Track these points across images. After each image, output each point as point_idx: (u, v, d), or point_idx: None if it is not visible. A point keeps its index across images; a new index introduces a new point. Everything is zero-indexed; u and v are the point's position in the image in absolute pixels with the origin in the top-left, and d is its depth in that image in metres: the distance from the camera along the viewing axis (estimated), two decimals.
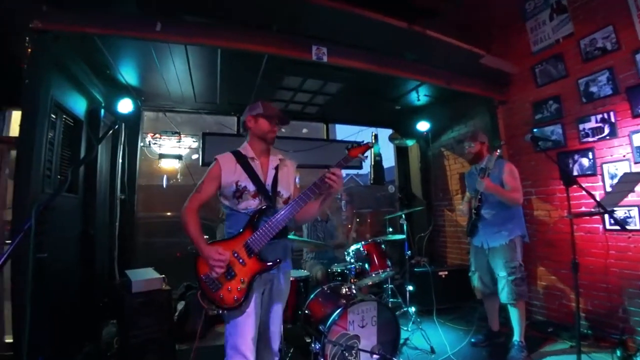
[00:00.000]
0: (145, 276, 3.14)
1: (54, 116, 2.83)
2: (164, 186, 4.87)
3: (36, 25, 2.45)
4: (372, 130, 5.25)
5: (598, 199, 2.57)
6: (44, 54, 2.52)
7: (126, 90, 3.64)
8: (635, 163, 2.98)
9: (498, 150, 2.93)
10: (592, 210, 3.02)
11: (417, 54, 3.37)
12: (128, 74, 3.51)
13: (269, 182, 1.98)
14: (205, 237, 1.86)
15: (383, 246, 3.50)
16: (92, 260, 3.26)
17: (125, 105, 3.57)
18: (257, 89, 4.00)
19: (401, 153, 5.81)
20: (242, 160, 1.95)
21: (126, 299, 2.93)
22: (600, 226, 3.22)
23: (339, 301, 2.91)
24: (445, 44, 3.17)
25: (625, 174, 2.84)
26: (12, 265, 2.23)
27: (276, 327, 2.04)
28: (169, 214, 5.96)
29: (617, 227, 3.06)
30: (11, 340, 2.33)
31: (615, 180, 3.07)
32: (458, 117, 4.87)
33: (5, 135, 3.21)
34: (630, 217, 3.01)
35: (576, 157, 3.40)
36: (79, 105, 3.24)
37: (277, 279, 2.01)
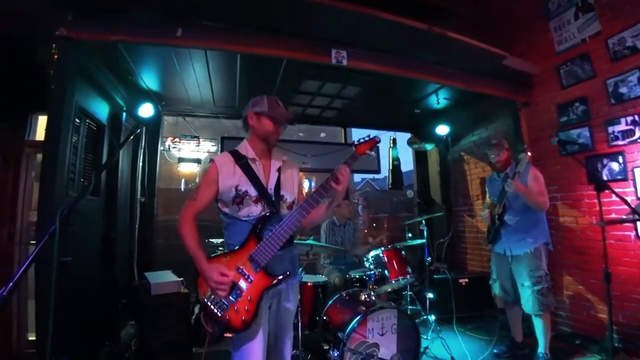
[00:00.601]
0: (163, 279, 3.17)
1: (77, 121, 2.90)
2: (182, 189, 4.93)
3: (62, 32, 2.51)
4: (390, 134, 5.20)
5: (633, 205, 2.46)
6: (69, 60, 2.57)
7: (147, 95, 3.71)
8: None
9: (529, 153, 2.84)
10: (625, 217, 2.89)
11: (437, 56, 3.31)
12: (149, 80, 3.58)
13: (271, 185, 1.79)
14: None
15: (403, 252, 3.44)
16: (113, 261, 3.31)
17: (146, 110, 3.62)
18: (275, 93, 4.01)
19: (420, 157, 5.72)
20: (241, 161, 1.76)
21: (145, 301, 2.96)
22: (632, 234, 3.07)
23: (358, 308, 2.86)
24: (467, 45, 3.10)
25: None
26: (35, 267, 2.27)
27: (288, 338, 1.89)
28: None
29: None
30: (34, 338, 2.37)
31: None
32: (479, 121, 4.76)
33: (32, 139, 3.30)
34: None
35: (605, 161, 3.26)
36: (101, 110, 3.31)
37: (285, 292, 1.83)
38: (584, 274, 3.44)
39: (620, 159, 3.15)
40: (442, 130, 4.79)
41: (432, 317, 3.69)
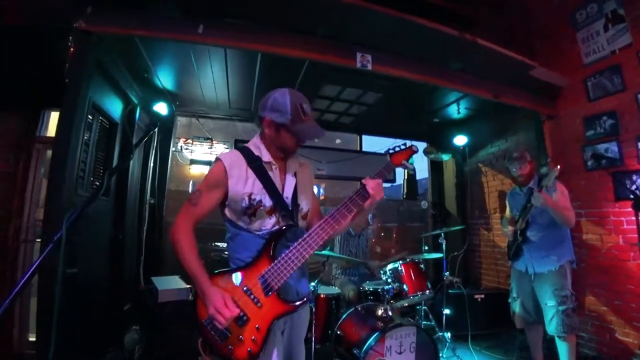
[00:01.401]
0: (172, 285, 3.05)
1: (90, 117, 2.81)
2: (190, 192, 4.82)
3: (80, 25, 2.42)
4: (407, 142, 5.08)
5: None
6: (86, 54, 2.49)
7: (162, 94, 3.63)
8: None
9: (558, 166, 2.72)
10: None
11: (465, 64, 3.22)
12: (165, 78, 3.49)
13: (288, 193, 1.52)
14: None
15: (422, 266, 3.31)
16: (121, 264, 3.19)
17: (160, 109, 3.54)
18: None
19: (435, 167, 5.61)
20: (255, 163, 1.47)
21: (152, 308, 2.83)
22: None
23: (376, 324, 2.75)
24: (496, 53, 3.02)
25: None
26: (39, 276, 2.13)
27: (301, 357, 1.64)
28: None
29: None
30: (34, 339, 2.25)
31: None
32: (499, 132, 4.66)
33: (44, 135, 3.20)
34: None
35: (634, 177, 3.14)
36: (115, 107, 3.22)
37: (299, 319, 1.58)
38: (608, 295, 3.31)
39: None
40: (460, 140, 4.70)
41: (448, 334, 3.55)
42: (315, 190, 1.86)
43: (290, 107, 1.44)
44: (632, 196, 3.02)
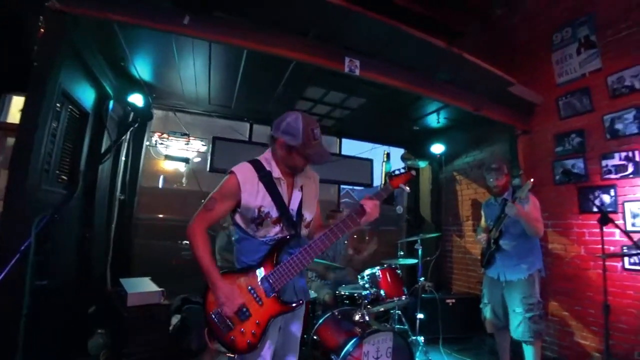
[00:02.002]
0: (142, 288, 2.89)
1: (59, 105, 2.59)
2: (160, 187, 4.61)
3: (53, 5, 2.23)
4: (385, 148, 5.15)
5: (623, 239, 2.53)
6: (58, 37, 2.30)
7: (138, 85, 3.42)
8: None
9: (532, 179, 2.85)
10: (626, 250, 2.99)
11: (449, 75, 3.30)
12: (142, 68, 3.29)
13: (293, 206, 1.68)
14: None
15: (399, 272, 3.36)
16: (87, 264, 2.97)
17: (135, 101, 3.33)
18: (276, 97, 3.84)
19: None
20: (265, 178, 1.61)
21: (121, 312, 2.67)
22: (619, 265, 3.17)
23: (353, 330, 2.74)
24: (480, 68, 3.12)
25: None
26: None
27: (294, 346, 1.80)
28: (167, 217, 5.65)
29: (636, 267, 3.04)
30: None
31: (638, 219, 3.06)
32: (475, 143, 4.83)
33: (3, 121, 2.92)
34: None
35: (597, 192, 3.36)
36: (87, 96, 3.00)
37: (294, 318, 1.76)
38: (570, 301, 3.52)
39: (612, 192, 3.26)
40: (437, 149, 4.83)
41: (421, 339, 3.62)
42: None
43: (303, 131, 1.56)
44: (595, 210, 3.23)
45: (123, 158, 3.54)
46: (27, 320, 1.05)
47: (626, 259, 3.10)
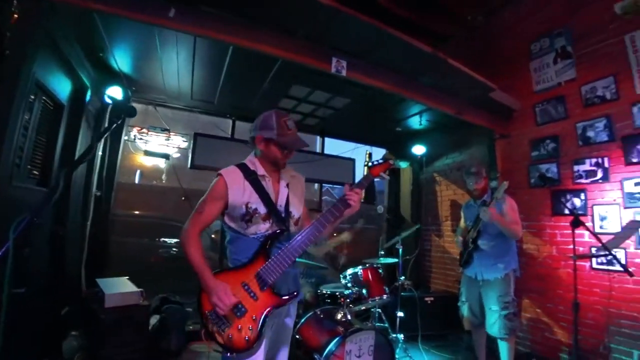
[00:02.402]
0: (120, 289, 2.80)
1: (32, 97, 2.46)
2: (136, 182, 4.47)
3: None
4: (367, 148, 5.20)
5: (593, 240, 2.67)
6: (32, 23, 2.18)
7: (117, 77, 3.29)
8: (625, 208, 3.13)
9: (506, 181, 2.98)
10: (596, 251, 3.16)
11: (433, 79, 3.36)
12: (123, 60, 3.16)
13: (281, 202, 1.76)
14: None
15: (381, 271, 3.41)
16: (61, 263, 2.84)
17: (114, 94, 3.21)
18: (261, 95, 3.79)
19: (393, 174, 5.78)
20: (251, 177, 1.71)
21: (97, 313, 2.57)
22: (587, 264, 3.34)
23: (336, 329, 2.78)
24: (463, 73, 3.19)
25: (630, 221, 2.99)
26: None
27: (284, 353, 1.84)
28: (145, 213, 5.46)
29: (603, 267, 3.22)
30: None
31: (606, 222, 3.24)
32: (455, 145, 4.95)
33: None
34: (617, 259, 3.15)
35: (569, 196, 3.53)
36: (62, 87, 2.86)
37: (287, 311, 1.80)
38: (542, 299, 3.69)
39: (583, 196, 3.43)
40: (419, 150, 4.92)
41: (401, 336, 3.70)
42: None
43: (276, 123, 1.70)
44: (567, 212, 3.40)
45: (100, 153, 3.40)
46: (4, 328, 0.98)
47: (593, 259, 3.28)
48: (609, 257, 2.98)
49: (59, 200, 2.85)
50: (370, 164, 1.85)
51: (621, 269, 3.01)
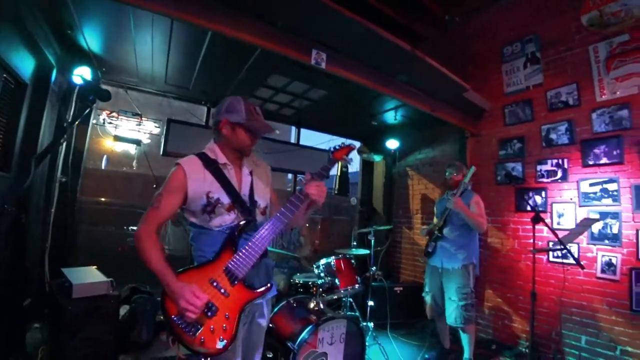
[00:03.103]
0: (88, 279, 2.69)
1: None
2: (103, 167, 4.28)
3: None
4: (342, 140, 5.24)
5: (549, 235, 2.88)
6: None
7: (86, 56, 3.11)
8: (580, 206, 3.39)
9: (474, 167, 3.25)
10: (552, 245, 3.39)
11: (411, 77, 3.43)
12: (92, 39, 2.98)
13: (245, 192, 1.65)
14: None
15: (353, 262, 3.49)
16: (22, 252, 2.69)
17: (82, 74, 3.03)
18: (237, 82, 3.71)
19: (367, 167, 5.91)
20: (212, 166, 1.59)
21: (63, 305, 2.46)
22: (545, 257, 3.59)
23: (309, 317, 2.83)
24: (439, 72, 3.28)
25: (584, 218, 3.23)
26: None
27: (260, 342, 1.75)
28: (113, 200, 5.19)
29: (558, 260, 3.47)
30: None
31: (563, 219, 3.48)
32: (428, 141, 5.10)
33: None
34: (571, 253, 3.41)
35: (531, 194, 3.76)
36: (25, 64, 2.67)
37: (261, 310, 1.70)
38: (503, 289, 3.94)
39: (543, 194, 3.67)
40: (392, 144, 5.02)
41: (371, 324, 3.83)
42: None
43: (244, 106, 1.62)
44: (529, 209, 3.63)
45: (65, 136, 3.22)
46: None
47: (550, 252, 3.53)
48: (564, 251, 3.23)
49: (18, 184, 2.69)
50: (332, 148, 1.81)
51: (574, 262, 3.30)
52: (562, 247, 2.79)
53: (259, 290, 1.55)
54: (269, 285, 1.59)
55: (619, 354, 2.99)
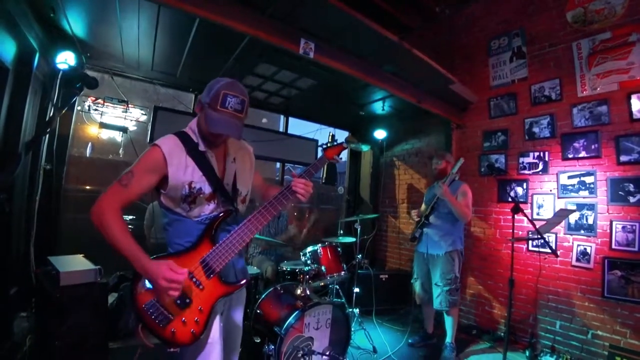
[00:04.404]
0: (76, 266, 2.68)
1: None
2: (88, 155, 4.21)
3: None
4: (330, 129, 5.28)
5: (529, 225, 3.00)
6: None
7: (69, 41, 3.02)
8: (559, 198, 3.52)
9: (462, 158, 3.32)
10: (530, 235, 3.52)
11: (397, 68, 3.47)
12: (76, 23, 2.90)
13: (228, 180, 1.56)
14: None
15: (339, 249, 3.57)
16: (6, 240, 2.66)
17: (66, 59, 2.95)
18: (225, 70, 3.68)
19: (354, 157, 5.96)
20: (193, 151, 1.45)
21: (51, 293, 2.46)
22: (524, 247, 3.74)
23: (296, 303, 2.90)
24: (426, 64, 3.32)
25: (561, 209, 3.36)
26: None
27: (235, 354, 1.75)
28: (99, 188, 5.08)
29: (536, 249, 3.62)
30: None
31: (542, 210, 3.62)
32: (414, 132, 5.17)
33: None
34: (548, 242, 3.54)
35: (513, 185, 3.88)
36: (6, 49, 2.58)
37: (235, 300, 1.68)
38: (484, 277, 4.09)
39: (525, 185, 3.79)
40: (380, 134, 5.07)
41: (357, 311, 3.94)
42: None
43: (215, 91, 1.40)
44: (510, 200, 3.74)
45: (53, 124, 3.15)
46: None
47: (529, 241, 3.67)
48: (542, 241, 3.37)
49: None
50: (324, 146, 1.77)
51: (550, 251, 3.46)
52: (539, 236, 2.91)
53: (233, 286, 1.51)
54: (244, 280, 1.56)
55: (590, 338, 3.17)
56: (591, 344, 3.16)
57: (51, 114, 3.12)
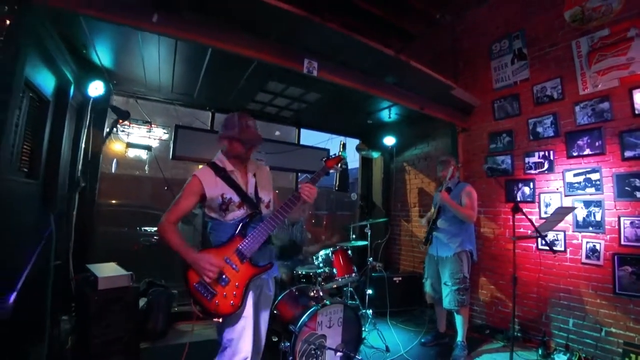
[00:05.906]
0: (111, 272, 3.01)
1: (21, 94, 2.58)
2: (113, 171, 4.58)
3: None
4: (341, 138, 5.47)
5: (536, 224, 3.05)
6: (23, 27, 2.29)
7: (99, 72, 3.39)
8: (566, 196, 3.55)
9: (452, 166, 3.44)
10: (530, 233, 3.55)
11: (398, 79, 3.64)
12: (104, 56, 3.27)
13: (250, 190, 2.07)
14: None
15: (350, 252, 3.73)
16: (48, 252, 3.00)
17: (96, 88, 3.33)
18: (239, 89, 3.97)
19: (366, 163, 6.13)
20: (221, 173, 2.00)
21: (91, 296, 2.78)
22: (534, 245, 3.78)
23: (309, 303, 3.07)
24: (424, 74, 3.48)
25: (558, 207, 3.40)
26: None
27: (264, 319, 2.15)
28: (127, 202, 5.54)
29: (546, 248, 3.63)
30: None
31: (549, 208, 3.65)
32: (422, 137, 5.29)
33: None
34: (557, 240, 3.58)
35: (520, 185, 3.93)
36: (47, 83, 2.95)
37: (267, 284, 2.13)
38: (495, 277, 4.13)
39: (531, 185, 3.84)
40: (389, 141, 5.22)
41: (370, 311, 4.07)
42: None
43: (238, 121, 2.03)
44: (511, 200, 3.81)
45: (83, 145, 3.52)
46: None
47: (539, 240, 3.67)
48: (550, 239, 3.41)
49: (46, 192, 3.00)
50: (324, 158, 2.16)
51: (560, 249, 3.49)
52: (539, 234, 2.96)
53: (261, 267, 1.97)
54: (269, 263, 2.03)
55: (604, 335, 3.16)
56: (605, 341, 3.15)
57: (84, 137, 3.51)
